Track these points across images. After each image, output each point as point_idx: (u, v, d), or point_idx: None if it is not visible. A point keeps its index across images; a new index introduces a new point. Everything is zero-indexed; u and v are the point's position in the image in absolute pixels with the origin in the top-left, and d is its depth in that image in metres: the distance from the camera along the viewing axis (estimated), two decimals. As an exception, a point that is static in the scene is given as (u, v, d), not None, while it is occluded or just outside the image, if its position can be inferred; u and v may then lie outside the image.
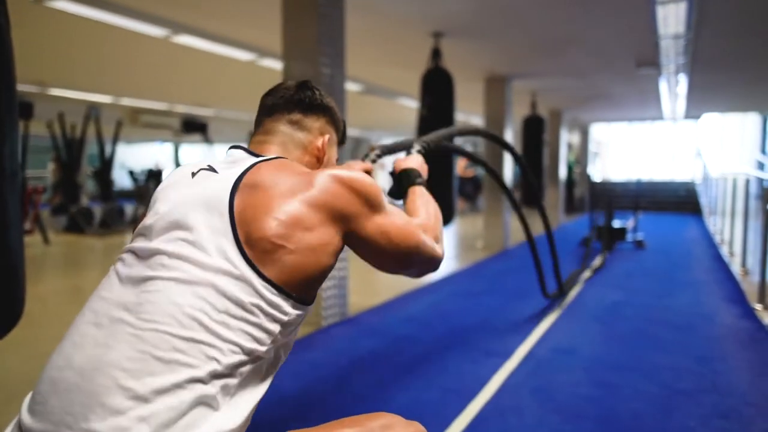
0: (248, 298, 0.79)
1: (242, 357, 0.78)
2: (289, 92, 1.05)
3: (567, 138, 12.82)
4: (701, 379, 2.64)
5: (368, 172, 1.30)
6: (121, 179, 15.38)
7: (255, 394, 0.82)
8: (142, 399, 0.70)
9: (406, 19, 4.46)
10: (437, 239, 1.07)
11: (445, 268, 5.75)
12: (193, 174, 0.94)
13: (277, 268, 0.82)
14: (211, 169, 0.94)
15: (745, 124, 13.41)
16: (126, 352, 0.73)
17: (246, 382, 0.80)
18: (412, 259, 0.99)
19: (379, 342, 3.24)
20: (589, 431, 2.10)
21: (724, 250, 6.56)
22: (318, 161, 1.06)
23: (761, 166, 10.77)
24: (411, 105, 9.44)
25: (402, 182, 1.37)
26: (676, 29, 4.79)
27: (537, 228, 10.28)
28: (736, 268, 5.38)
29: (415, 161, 1.41)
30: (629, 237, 7.26)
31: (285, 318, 0.83)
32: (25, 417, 0.76)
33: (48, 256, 6.57)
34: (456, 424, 2.17)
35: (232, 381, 0.77)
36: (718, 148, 13.53)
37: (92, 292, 0.86)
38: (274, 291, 0.81)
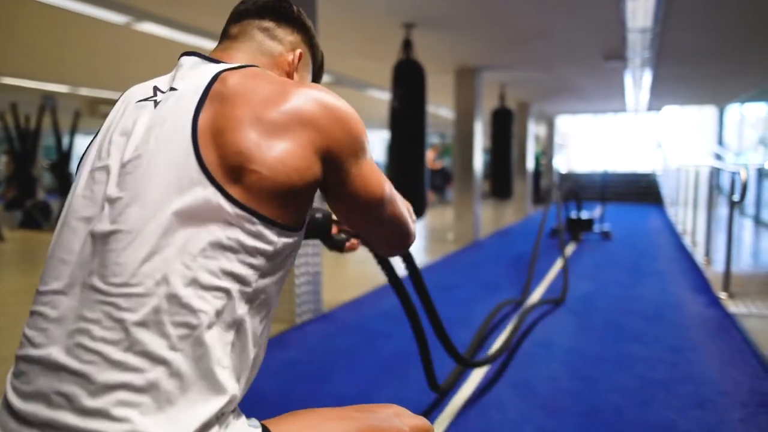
0: (224, 232, 0.69)
1: (229, 301, 0.70)
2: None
3: (534, 130, 12.97)
4: (675, 369, 2.68)
5: None
6: (80, 172, 14.84)
7: (257, 339, 0.75)
8: (136, 369, 0.65)
9: (377, 10, 4.38)
10: (412, 219, 0.98)
11: (417, 261, 5.73)
12: (141, 100, 0.81)
13: (254, 192, 0.71)
14: (159, 90, 0.81)
15: (702, 116, 13.85)
16: (105, 323, 0.66)
17: (241, 330, 0.72)
18: (386, 218, 0.88)
19: (354, 339, 3.18)
20: (573, 426, 2.10)
21: (687, 240, 6.74)
22: (288, 77, 0.93)
23: (718, 157, 11.14)
24: (381, 96, 9.36)
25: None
26: (644, 23, 4.85)
27: (506, 220, 10.35)
28: (699, 257, 5.53)
29: None
30: (596, 228, 7.39)
31: (270, 248, 0.73)
32: (14, 399, 0.69)
33: (2, 253, 6.26)
34: (439, 421, 2.14)
35: (228, 330, 0.70)
36: (677, 139, 13.93)
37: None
38: (253, 219, 0.71)
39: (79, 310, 0.69)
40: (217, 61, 0.83)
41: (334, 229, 1.27)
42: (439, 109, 11.53)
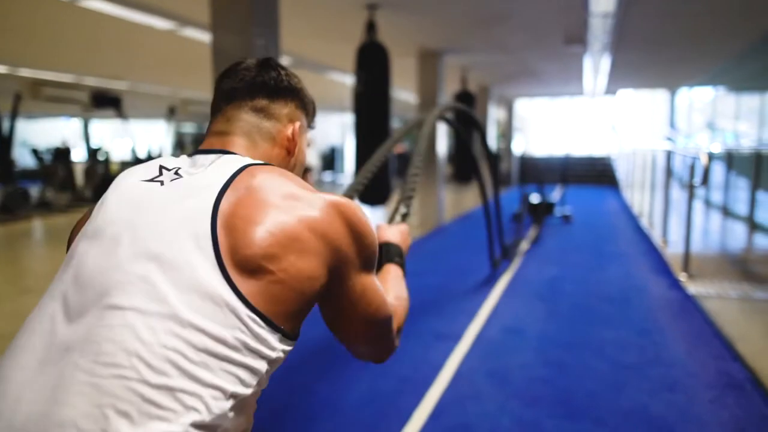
0: (231, 332, 0.64)
1: (225, 403, 0.64)
2: (251, 74, 0.89)
3: (496, 114, 13.05)
4: (644, 352, 2.72)
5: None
6: (24, 158, 14.10)
7: None
8: None
9: (341, -11, 4.24)
10: (399, 330, 0.97)
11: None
12: (152, 179, 0.76)
13: (264, 294, 0.68)
14: (165, 169, 0.77)
15: (655, 100, 14.25)
16: (81, 408, 0.58)
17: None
18: (378, 334, 0.89)
19: (325, 332, 3.10)
20: (550, 415, 2.09)
21: (644, 222, 6.92)
22: (289, 153, 0.92)
23: (669, 140, 11.49)
24: (342, 80, 9.19)
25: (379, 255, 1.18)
26: (607, 8, 4.88)
27: (468, 204, 10.37)
28: (656, 239, 5.67)
29: (400, 234, 1.23)
30: (557, 212, 7.49)
31: (272, 355, 0.69)
32: None
33: (-60, 247, 5.86)
34: (416, 415, 2.09)
35: None
36: (631, 122, 14.30)
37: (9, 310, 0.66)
38: (261, 323, 0.67)
39: (54, 391, 0.60)
40: (227, 152, 0.82)
41: None
42: (400, 92, 11.43)
